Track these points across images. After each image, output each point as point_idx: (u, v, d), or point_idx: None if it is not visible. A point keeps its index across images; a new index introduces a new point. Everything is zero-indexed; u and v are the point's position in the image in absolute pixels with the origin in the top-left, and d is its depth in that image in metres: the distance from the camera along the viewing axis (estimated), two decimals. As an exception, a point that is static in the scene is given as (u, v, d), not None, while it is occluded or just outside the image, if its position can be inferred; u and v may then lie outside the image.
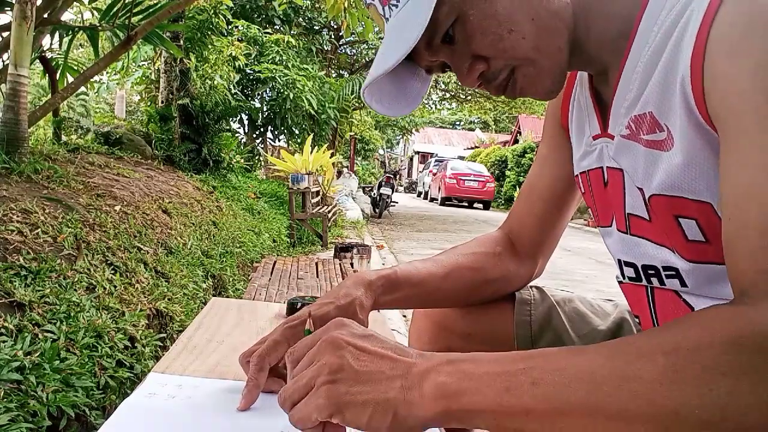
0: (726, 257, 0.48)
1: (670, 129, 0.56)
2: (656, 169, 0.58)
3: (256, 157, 10.09)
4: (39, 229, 1.95)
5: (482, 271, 0.83)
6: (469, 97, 18.91)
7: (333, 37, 14.34)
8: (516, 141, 22.21)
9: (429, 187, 22.24)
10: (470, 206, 18.62)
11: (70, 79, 4.18)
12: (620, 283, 0.75)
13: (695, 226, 0.57)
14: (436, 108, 23.31)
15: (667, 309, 0.66)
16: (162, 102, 5.93)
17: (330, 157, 8.28)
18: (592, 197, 0.73)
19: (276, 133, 10.71)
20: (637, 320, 0.75)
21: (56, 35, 4.04)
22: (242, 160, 7.49)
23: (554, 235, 0.87)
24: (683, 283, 0.62)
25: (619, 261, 0.72)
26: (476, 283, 0.83)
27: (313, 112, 9.76)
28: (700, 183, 0.54)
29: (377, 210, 11.33)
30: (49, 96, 4.18)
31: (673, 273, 0.63)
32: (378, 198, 11.36)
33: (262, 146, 11.09)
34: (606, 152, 0.67)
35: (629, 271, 0.70)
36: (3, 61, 3.46)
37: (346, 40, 14.32)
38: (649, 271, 0.66)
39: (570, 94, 0.78)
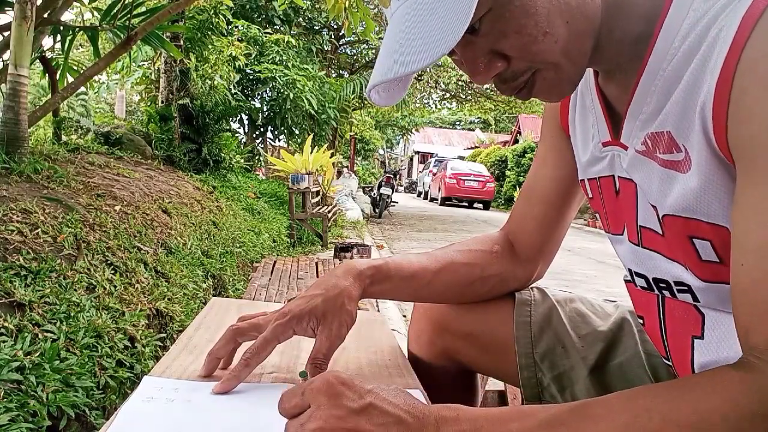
0: (734, 301, 0.47)
1: (689, 151, 0.53)
2: (671, 189, 0.56)
3: (256, 157, 10.09)
4: (39, 229, 1.95)
5: (477, 268, 0.83)
6: (469, 97, 18.91)
7: (333, 37, 14.35)
8: (516, 141, 22.22)
9: (429, 187, 22.24)
10: (470, 206, 18.62)
11: (70, 79, 4.18)
12: (627, 282, 0.74)
13: (710, 247, 0.56)
14: (436, 108, 23.31)
15: (676, 316, 0.65)
16: (162, 102, 5.93)
17: (330, 157, 8.28)
18: (603, 204, 0.71)
19: (276, 133, 10.71)
20: (640, 321, 0.74)
21: (56, 35, 4.04)
22: (242, 160, 7.48)
23: (555, 239, 0.85)
24: (695, 299, 0.61)
25: (630, 270, 0.70)
26: (470, 279, 0.83)
27: (313, 112, 9.76)
28: (716, 207, 0.53)
29: (377, 210, 11.33)
30: (49, 96, 4.17)
31: (685, 288, 0.61)
32: (378, 198, 11.36)
33: (262, 146, 11.09)
34: (618, 162, 0.64)
35: (641, 281, 0.69)
36: (3, 61, 3.45)
37: (346, 40, 14.32)
38: (661, 284, 0.65)
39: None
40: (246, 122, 10.45)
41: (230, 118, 7.56)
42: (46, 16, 3.53)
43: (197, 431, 0.56)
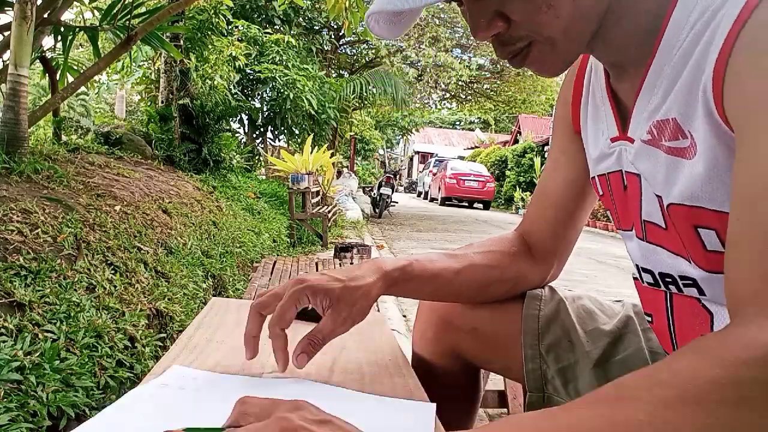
0: (726, 260, 0.46)
1: (694, 136, 0.54)
2: (677, 177, 0.57)
3: (256, 157, 10.09)
4: (39, 229, 1.95)
5: (496, 270, 0.83)
6: (469, 97, 18.92)
7: (333, 37, 14.35)
8: (516, 141, 22.22)
9: (429, 187, 22.25)
10: (470, 206, 18.63)
11: (70, 79, 4.18)
12: (635, 279, 0.75)
13: (715, 236, 0.56)
14: (436, 108, 23.32)
15: (685, 313, 0.65)
16: (162, 102, 5.93)
17: (330, 157, 8.28)
18: (613, 201, 0.72)
19: (276, 133, 10.72)
20: (648, 319, 0.74)
21: (56, 35, 4.04)
22: (242, 160, 7.48)
23: (568, 240, 0.87)
24: (701, 292, 0.61)
25: (637, 266, 0.71)
26: (489, 281, 0.83)
27: (313, 112, 9.77)
28: (721, 193, 0.53)
29: (377, 210, 11.34)
30: (49, 96, 4.18)
31: (690, 282, 0.62)
32: (378, 198, 11.37)
33: (262, 146, 11.10)
34: (625, 156, 0.65)
35: (647, 277, 0.69)
36: (3, 61, 3.46)
37: (346, 40, 14.33)
38: (666, 279, 0.66)
39: (580, 95, 0.76)
40: (246, 122, 10.45)
41: (230, 118, 7.56)
42: (46, 16, 3.53)
43: (182, 420, 0.57)
